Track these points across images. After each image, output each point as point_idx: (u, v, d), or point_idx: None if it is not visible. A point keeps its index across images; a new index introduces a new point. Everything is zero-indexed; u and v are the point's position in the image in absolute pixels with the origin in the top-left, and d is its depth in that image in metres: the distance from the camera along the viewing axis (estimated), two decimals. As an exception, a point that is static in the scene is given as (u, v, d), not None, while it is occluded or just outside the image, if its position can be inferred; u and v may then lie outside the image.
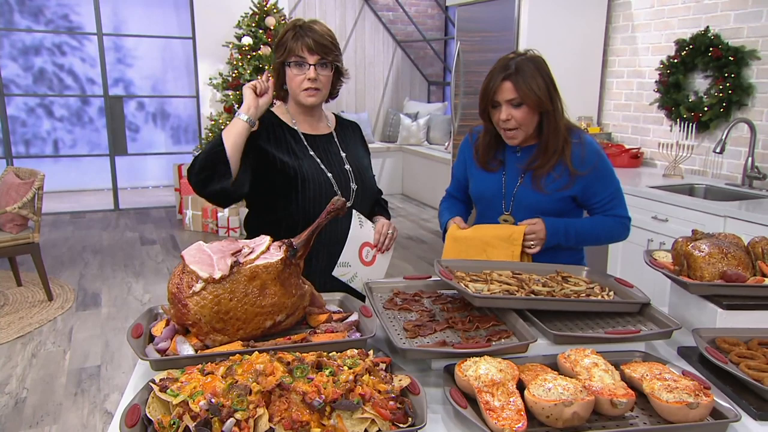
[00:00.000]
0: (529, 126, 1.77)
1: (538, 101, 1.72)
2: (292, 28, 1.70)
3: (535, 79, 1.71)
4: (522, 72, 1.71)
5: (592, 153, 1.81)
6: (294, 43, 1.67)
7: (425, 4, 8.23)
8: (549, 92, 1.74)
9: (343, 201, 1.40)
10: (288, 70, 1.71)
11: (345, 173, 1.78)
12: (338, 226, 1.70)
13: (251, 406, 0.94)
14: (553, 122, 1.77)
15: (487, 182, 1.90)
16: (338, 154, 1.81)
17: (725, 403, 1.08)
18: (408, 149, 7.56)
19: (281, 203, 1.72)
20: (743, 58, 3.37)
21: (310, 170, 1.72)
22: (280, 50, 1.72)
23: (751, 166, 3.30)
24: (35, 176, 3.95)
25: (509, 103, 1.74)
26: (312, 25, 1.69)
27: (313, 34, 1.66)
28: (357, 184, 1.79)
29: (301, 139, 1.77)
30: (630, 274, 3.18)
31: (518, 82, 1.71)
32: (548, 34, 3.99)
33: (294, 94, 1.74)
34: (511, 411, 1.02)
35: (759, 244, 1.51)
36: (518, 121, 1.75)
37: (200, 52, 6.15)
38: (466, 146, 2.00)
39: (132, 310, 4.00)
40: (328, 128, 1.85)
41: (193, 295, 1.21)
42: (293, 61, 1.69)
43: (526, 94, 1.71)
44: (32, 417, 2.75)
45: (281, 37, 1.72)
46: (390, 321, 1.40)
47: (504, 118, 1.75)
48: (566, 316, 1.43)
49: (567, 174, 1.79)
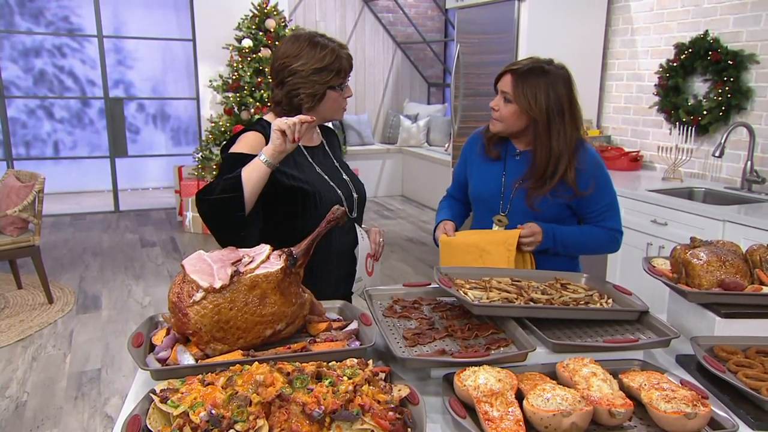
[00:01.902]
0: (511, 124, 1.80)
1: (527, 107, 1.73)
2: (331, 49, 1.66)
3: (535, 87, 1.72)
4: (527, 75, 1.73)
5: (592, 167, 1.82)
6: (347, 63, 1.69)
7: (425, 6, 8.24)
8: (547, 107, 1.73)
9: (342, 210, 1.41)
10: (332, 92, 1.69)
11: (345, 183, 1.79)
12: (345, 237, 1.74)
13: (251, 417, 0.95)
14: (543, 138, 1.76)
15: (486, 181, 1.91)
16: (333, 165, 1.82)
17: (723, 413, 1.08)
18: (408, 151, 7.57)
19: (295, 219, 1.70)
20: (742, 62, 3.37)
21: (321, 185, 1.72)
22: (330, 73, 1.65)
23: (750, 169, 3.30)
24: (36, 179, 3.96)
25: (503, 95, 1.79)
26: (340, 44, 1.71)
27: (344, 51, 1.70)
28: (357, 193, 1.81)
29: (304, 153, 1.76)
30: (629, 280, 3.19)
31: (517, 80, 1.74)
32: (548, 36, 3.99)
33: (331, 113, 1.73)
34: (510, 421, 1.02)
35: (757, 252, 1.51)
36: (501, 115, 1.80)
37: (200, 54, 6.16)
38: (470, 144, 2.01)
39: (132, 312, 4.01)
40: (319, 138, 1.85)
41: (194, 304, 1.21)
42: (341, 84, 1.70)
43: (518, 94, 1.74)
44: (33, 421, 2.75)
45: (330, 60, 1.65)
46: (389, 329, 1.40)
47: (491, 105, 1.82)
48: (565, 323, 1.44)
49: (570, 191, 1.80)
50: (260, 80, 5.62)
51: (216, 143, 5.81)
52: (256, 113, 5.60)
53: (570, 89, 1.76)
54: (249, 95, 5.63)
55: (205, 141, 5.91)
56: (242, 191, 1.49)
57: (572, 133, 1.77)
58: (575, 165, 1.78)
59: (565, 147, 1.76)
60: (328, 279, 1.76)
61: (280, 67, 1.67)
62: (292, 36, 1.70)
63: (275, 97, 1.71)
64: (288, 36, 1.72)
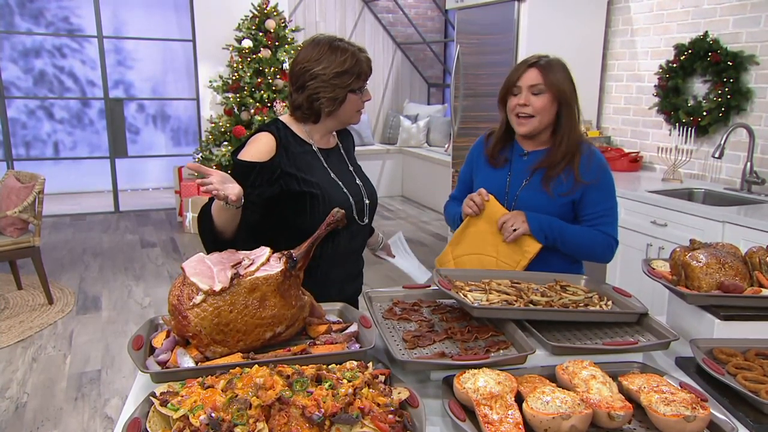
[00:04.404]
0: (545, 116, 1.80)
1: (560, 92, 1.77)
2: (352, 52, 1.66)
3: (561, 74, 1.78)
4: (550, 65, 1.79)
5: (598, 166, 1.83)
6: (366, 67, 1.69)
7: (425, 7, 8.24)
8: (570, 91, 1.80)
9: (342, 213, 1.41)
10: (352, 95, 1.69)
11: (358, 189, 1.79)
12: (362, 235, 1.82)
13: (251, 420, 0.95)
14: (572, 119, 1.81)
15: (491, 181, 1.91)
16: (347, 169, 1.81)
17: (722, 415, 1.09)
18: (408, 151, 7.57)
19: (302, 220, 1.68)
20: (742, 63, 3.37)
21: (332, 188, 1.71)
22: (351, 77, 1.65)
23: (750, 170, 3.30)
24: (36, 180, 3.96)
25: (530, 89, 1.78)
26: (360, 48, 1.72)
27: (364, 54, 1.71)
28: (369, 198, 1.80)
29: (317, 155, 1.74)
30: (629, 282, 3.19)
31: (545, 70, 1.78)
32: (548, 37, 3.99)
33: (348, 117, 1.73)
34: (510, 424, 1.03)
35: (756, 254, 1.51)
36: (535, 109, 1.79)
37: (200, 55, 6.16)
38: (477, 146, 2.02)
39: (132, 313, 4.01)
40: (335, 140, 1.84)
41: (194, 307, 1.22)
42: (361, 87, 1.70)
43: (551, 81, 1.77)
44: (33, 422, 2.76)
45: (351, 64, 1.65)
46: (389, 331, 1.41)
47: (522, 102, 1.79)
48: (564, 325, 1.44)
49: (572, 180, 1.80)
50: (260, 81, 5.62)
51: (216, 144, 5.81)
52: (256, 114, 5.60)
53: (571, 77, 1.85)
54: (249, 96, 5.63)
55: (205, 141, 5.91)
56: (213, 224, 1.56)
57: (579, 111, 1.86)
58: (581, 152, 1.82)
59: (579, 131, 1.84)
60: (333, 282, 1.76)
61: (300, 71, 1.66)
62: (312, 41, 1.69)
63: (294, 102, 1.70)
64: (308, 41, 1.71)
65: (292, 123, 1.74)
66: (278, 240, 1.60)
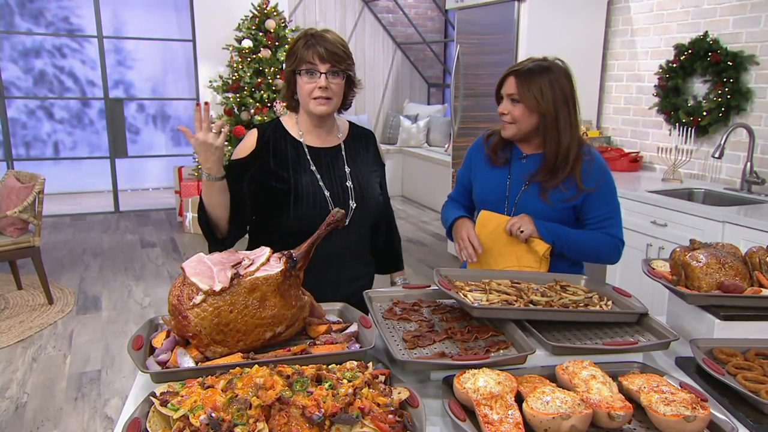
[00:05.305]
0: (524, 124, 1.80)
1: (535, 104, 1.74)
2: (303, 36, 1.68)
3: (540, 84, 1.74)
4: (530, 73, 1.75)
5: (598, 169, 1.82)
6: (305, 51, 1.66)
7: (425, 7, 8.24)
8: (554, 101, 1.74)
9: (342, 213, 1.40)
10: (299, 78, 1.68)
11: (345, 190, 1.76)
12: (344, 238, 1.77)
13: (251, 420, 0.95)
14: (552, 132, 1.77)
15: (491, 184, 1.91)
16: (342, 169, 1.78)
17: (722, 415, 1.09)
18: (408, 151, 7.57)
19: (275, 217, 1.72)
20: (742, 63, 3.37)
21: (306, 186, 1.71)
22: (291, 59, 1.69)
23: (750, 170, 3.30)
24: (36, 180, 3.96)
25: (509, 98, 1.80)
26: (324, 34, 1.68)
27: (325, 42, 1.65)
28: (356, 202, 1.76)
29: (305, 152, 1.75)
30: (629, 282, 3.19)
31: (521, 80, 1.75)
32: (548, 37, 3.99)
33: (304, 103, 1.71)
34: (510, 424, 1.03)
35: (756, 254, 1.51)
36: (513, 117, 1.80)
37: (200, 55, 6.16)
38: (475, 148, 2.01)
39: (132, 313, 4.01)
40: (338, 140, 1.82)
41: (194, 307, 1.22)
42: (304, 69, 1.66)
43: (524, 94, 1.75)
44: (33, 422, 2.76)
45: (293, 46, 1.70)
46: (389, 331, 1.40)
47: (501, 110, 1.83)
48: (564, 325, 1.44)
49: (574, 188, 1.80)
50: (260, 81, 5.62)
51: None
52: (256, 114, 5.60)
53: (571, 81, 1.79)
54: (249, 96, 5.62)
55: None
56: (205, 210, 1.65)
57: (577, 123, 1.81)
58: (582, 158, 1.80)
59: (573, 138, 1.79)
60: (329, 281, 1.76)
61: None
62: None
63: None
64: None
65: (289, 121, 1.79)
66: (258, 237, 1.71)
